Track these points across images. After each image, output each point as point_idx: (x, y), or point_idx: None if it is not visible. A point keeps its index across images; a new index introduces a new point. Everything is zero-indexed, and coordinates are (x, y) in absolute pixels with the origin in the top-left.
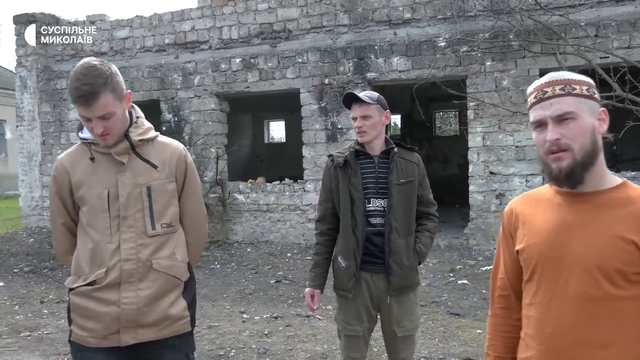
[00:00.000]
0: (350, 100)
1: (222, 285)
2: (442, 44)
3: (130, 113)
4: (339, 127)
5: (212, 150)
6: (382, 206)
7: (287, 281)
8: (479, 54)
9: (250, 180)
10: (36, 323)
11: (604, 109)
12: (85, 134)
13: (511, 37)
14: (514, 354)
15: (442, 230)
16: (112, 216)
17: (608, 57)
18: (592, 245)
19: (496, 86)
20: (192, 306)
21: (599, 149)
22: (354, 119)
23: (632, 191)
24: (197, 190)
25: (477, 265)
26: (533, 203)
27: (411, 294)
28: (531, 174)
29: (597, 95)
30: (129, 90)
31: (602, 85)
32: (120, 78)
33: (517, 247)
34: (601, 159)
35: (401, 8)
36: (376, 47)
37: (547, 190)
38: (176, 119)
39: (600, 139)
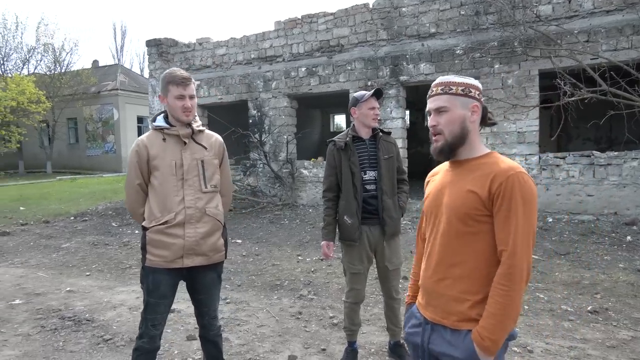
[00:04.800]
0: (374, 95)
1: (288, 235)
2: (459, 51)
3: None
4: (379, 118)
5: (285, 137)
6: (374, 176)
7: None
8: (489, 59)
9: (312, 159)
10: None
11: (475, 103)
12: (158, 122)
13: (515, 44)
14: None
15: None
16: (178, 178)
17: (597, 58)
18: (453, 197)
19: (502, 84)
20: (226, 244)
21: (467, 132)
22: (373, 108)
23: (489, 159)
24: (228, 167)
25: None
26: (438, 171)
27: (397, 239)
28: (530, 154)
29: (472, 93)
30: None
31: (589, 82)
32: None
33: (424, 199)
34: (472, 137)
35: (427, 25)
36: (407, 56)
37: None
38: (259, 114)
39: (471, 125)
